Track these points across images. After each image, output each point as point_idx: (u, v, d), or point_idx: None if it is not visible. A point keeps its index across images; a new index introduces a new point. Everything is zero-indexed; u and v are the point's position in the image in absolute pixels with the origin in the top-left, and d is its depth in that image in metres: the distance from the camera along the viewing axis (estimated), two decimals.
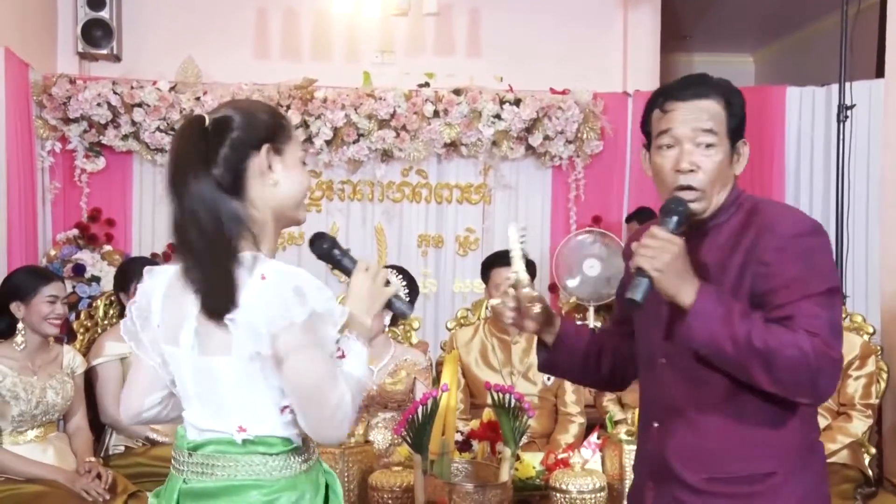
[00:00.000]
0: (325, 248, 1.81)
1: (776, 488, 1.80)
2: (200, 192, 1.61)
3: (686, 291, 1.70)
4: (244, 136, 1.65)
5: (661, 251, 1.69)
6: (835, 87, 4.93)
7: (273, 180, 1.67)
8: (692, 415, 1.84)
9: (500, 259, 3.71)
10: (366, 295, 1.76)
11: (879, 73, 5.09)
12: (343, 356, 1.69)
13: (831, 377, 1.72)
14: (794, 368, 1.68)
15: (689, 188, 1.81)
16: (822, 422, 3.73)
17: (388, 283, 1.80)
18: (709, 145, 1.81)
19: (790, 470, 1.82)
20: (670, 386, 1.87)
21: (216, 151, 1.63)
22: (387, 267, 1.90)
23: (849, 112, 4.75)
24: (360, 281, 1.77)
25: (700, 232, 1.85)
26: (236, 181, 1.64)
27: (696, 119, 1.81)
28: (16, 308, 3.21)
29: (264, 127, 1.69)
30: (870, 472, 3.76)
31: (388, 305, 1.81)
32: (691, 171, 1.80)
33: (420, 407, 2.49)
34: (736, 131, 1.86)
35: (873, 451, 3.88)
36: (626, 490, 2.58)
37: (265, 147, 1.66)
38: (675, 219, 1.75)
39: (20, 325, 3.21)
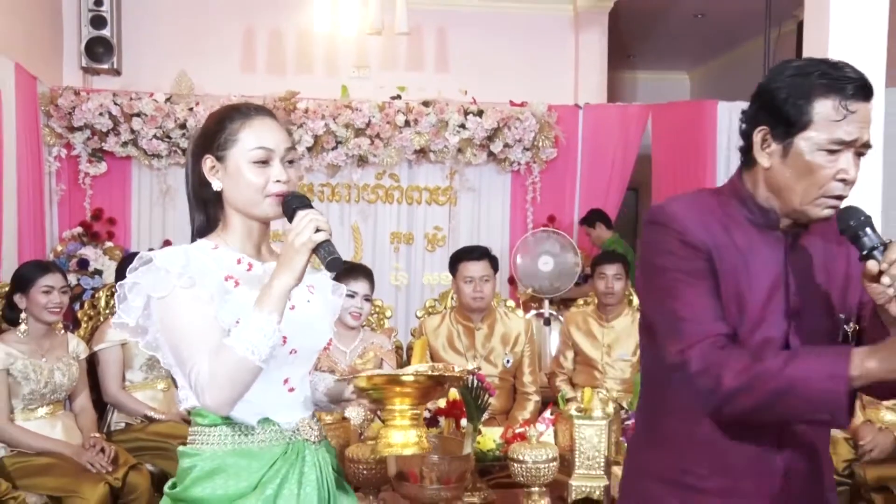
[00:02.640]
0: (287, 204, 1.61)
1: None
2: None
3: None
4: (192, 148, 1.66)
5: None
6: None
7: (217, 186, 1.61)
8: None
9: (467, 254, 3.73)
10: (286, 248, 1.52)
11: None
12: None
13: None
14: None
15: (840, 198, 1.42)
16: None
17: (318, 230, 1.53)
18: (860, 155, 1.43)
19: None
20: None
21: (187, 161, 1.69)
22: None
23: None
24: (290, 236, 1.53)
25: (798, 239, 1.51)
26: (201, 185, 1.64)
27: (867, 126, 1.41)
28: (19, 299, 3.19)
29: (204, 138, 1.63)
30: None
31: (319, 254, 1.53)
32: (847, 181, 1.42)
33: None
34: None
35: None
36: (576, 459, 2.61)
37: (206, 158, 1.61)
38: (869, 231, 1.36)
39: (23, 315, 3.20)
